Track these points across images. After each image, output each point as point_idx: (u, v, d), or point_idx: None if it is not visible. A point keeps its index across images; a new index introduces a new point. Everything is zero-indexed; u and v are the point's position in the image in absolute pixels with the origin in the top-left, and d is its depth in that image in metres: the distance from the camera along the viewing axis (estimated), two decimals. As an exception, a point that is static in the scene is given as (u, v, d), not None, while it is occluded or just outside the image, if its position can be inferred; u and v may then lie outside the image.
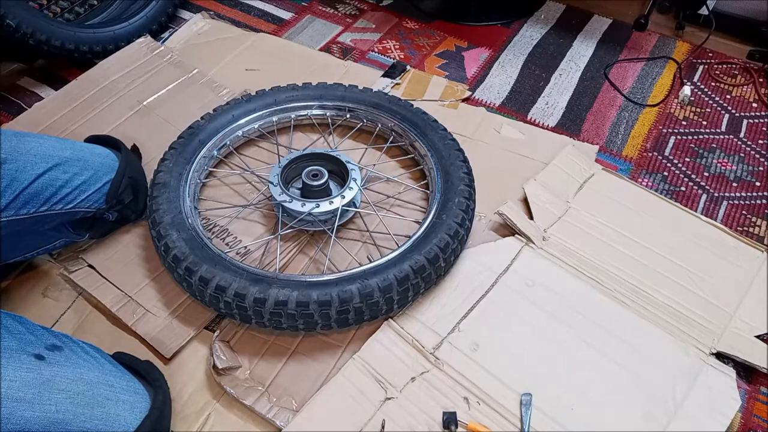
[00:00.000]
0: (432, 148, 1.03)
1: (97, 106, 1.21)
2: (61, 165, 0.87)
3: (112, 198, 0.93)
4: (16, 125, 1.18)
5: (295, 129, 1.16)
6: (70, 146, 0.92)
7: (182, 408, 0.82)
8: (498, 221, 1.02)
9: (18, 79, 1.34)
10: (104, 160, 0.95)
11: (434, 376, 0.84)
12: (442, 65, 1.38)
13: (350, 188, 0.97)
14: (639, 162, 1.17)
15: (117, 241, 1.00)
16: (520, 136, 1.18)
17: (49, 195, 0.86)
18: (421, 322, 0.89)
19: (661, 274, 0.95)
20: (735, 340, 0.88)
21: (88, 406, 0.68)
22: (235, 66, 1.32)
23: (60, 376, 0.67)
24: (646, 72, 1.36)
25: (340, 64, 1.34)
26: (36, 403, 0.64)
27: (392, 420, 0.79)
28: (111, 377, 0.72)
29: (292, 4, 1.55)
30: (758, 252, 0.98)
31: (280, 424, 0.80)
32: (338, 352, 0.88)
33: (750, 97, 1.30)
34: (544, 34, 1.45)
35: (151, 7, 1.43)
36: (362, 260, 0.96)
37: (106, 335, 0.90)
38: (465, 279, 0.94)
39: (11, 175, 0.82)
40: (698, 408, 0.81)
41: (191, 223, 0.92)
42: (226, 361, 0.84)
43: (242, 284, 0.82)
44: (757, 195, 1.11)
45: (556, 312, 0.90)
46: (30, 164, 0.84)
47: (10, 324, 0.70)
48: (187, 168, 1.00)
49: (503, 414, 0.80)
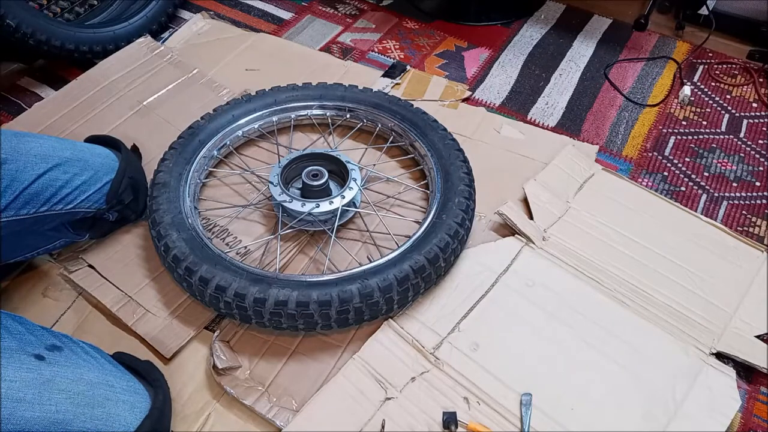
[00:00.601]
0: (432, 148, 1.03)
1: (97, 106, 1.21)
2: (61, 165, 0.87)
3: (113, 198, 0.93)
4: (16, 125, 1.18)
5: (295, 129, 1.16)
6: (70, 146, 0.91)
7: (182, 408, 0.82)
8: (498, 221, 1.02)
9: (18, 79, 1.34)
10: (104, 161, 0.95)
11: (434, 376, 0.84)
12: (442, 65, 1.38)
13: (350, 188, 0.97)
14: (639, 162, 1.17)
15: (117, 241, 1.00)
16: (520, 136, 1.18)
17: (50, 195, 0.86)
18: (421, 322, 0.89)
19: (661, 274, 0.95)
20: (735, 340, 0.88)
21: (89, 406, 0.68)
22: (235, 66, 1.32)
23: (60, 377, 0.67)
24: (646, 72, 1.36)
25: (340, 64, 1.34)
26: (36, 403, 0.64)
27: (392, 420, 0.79)
28: (111, 377, 0.72)
29: (292, 4, 1.55)
30: (758, 252, 0.98)
31: (280, 424, 0.80)
32: (338, 352, 0.88)
33: (750, 97, 1.30)
34: (544, 34, 1.45)
35: (151, 7, 1.43)
36: (362, 260, 0.96)
37: (106, 335, 0.90)
38: (465, 279, 0.94)
39: (11, 175, 0.82)
40: (698, 408, 0.81)
41: (191, 223, 0.92)
42: (226, 361, 0.84)
43: (242, 284, 0.82)
44: (757, 195, 1.11)
45: (556, 312, 0.90)
46: (30, 164, 0.84)
47: (10, 324, 0.70)
48: (187, 168, 1.00)
49: (503, 414, 0.80)
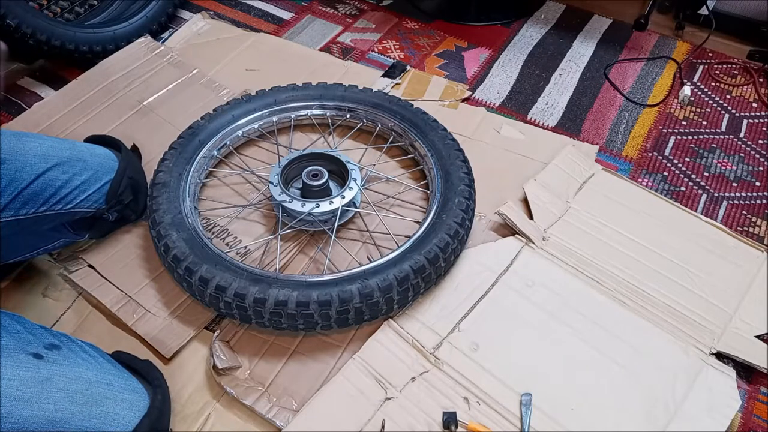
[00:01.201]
0: (432, 148, 1.03)
1: (97, 106, 1.21)
2: (61, 165, 0.87)
3: (112, 198, 0.93)
4: (16, 125, 1.18)
5: (295, 129, 1.16)
6: (70, 146, 0.91)
7: (182, 408, 0.82)
8: (498, 221, 1.02)
9: (18, 79, 1.34)
10: (104, 161, 0.95)
11: (434, 376, 0.84)
12: (442, 65, 1.38)
13: (350, 188, 0.97)
14: (639, 162, 1.17)
15: (117, 241, 1.00)
16: (520, 136, 1.18)
17: (49, 195, 0.86)
18: (421, 322, 0.89)
19: (661, 274, 0.95)
20: (735, 340, 0.88)
21: (87, 404, 0.68)
22: (235, 66, 1.32)
23: (59, 375, 0.67)
24: (646, 72, 1.36)
25: (340, 64, 1.34)
26: (35, 401, 0.64)
27: (392, 420, 0.79)
28: (110, 376, 0.72)
29: (292, 4, 1.55)
30: (758, 252, 0.98)
31: (280, 424, 0.80)
32: (338, 352, 0.88)
33: (750, 97, 1.30)
34: (544, 34, 1.45)
35: (151, 7, 1.43)
36: (362, 260, 0.96)
37: (106, 335, 0.90)
38: (465, 279, 0.94)
39: (10, 175, 0.82)
40: (698, 408, 0.81)
41: (191, 223, 0.92)
42: (226, 361, 0.84)
43: (242, 284, 0.82)
44: (757, 195, 1.11)
45: (556, 312, 0.90)
46: (29, 164, 0.84)
47: (9, 323, 0.70)
48: (187, 168, 1.00)
49: (503, 414, 0.80)
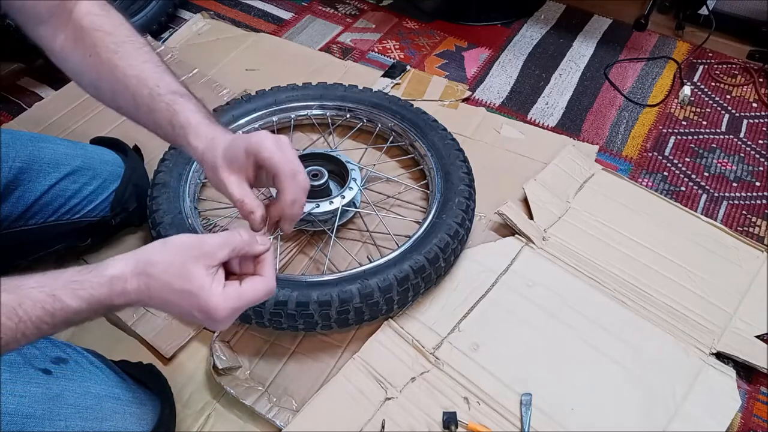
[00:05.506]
0: (432, 148, 1.03)
1: (97, 106, 1.21)
2: (72, 174, 0.87)
3: (117, 206, 0.94)
4: (16, 125, 1.18)
5: (295, 129, 1.16)
6: (81, 153, 0.91)
7: (182, 408, 0.82)
8: (498, 221, 1.02)
9: (18, 79, 1.34)
10: (112, 168, 0.94)
11: (434, 376, 0.84)
12: (442, 65, 1.38)
13: (350, 188, 0.97)
14: (639, 162, 1.17)
15: (117, 241, 1.00)
16: (520, 136, 1.18)
17: (58, 206, 0.86)
18: (421, 322, 0.89)
19: (661, 274, 0.95)
20: (735, 340, 0.88)
21: (97, 420, 0.66)
22: (235, 66, 1.32)
23: (68, 391, 0.66)
24: (646, 72, 1.36)
25: (340, 64, 1.34)
26: (46, 419, 0.62)
27: (392, 420, 0.79)
28: (117, 389, 0.71)
29: (292, 4, 1.55)
30: (758, 252, 0.98)
31: (280, 424, 0.80)
32: (338, 352, 0.88)
33: (750, 97, 1.30)
34: (544, 34, 1.45)
35: (151, 7, 1.42)
36: (362, 260, 0.96)
37: (105, 335, 0.90)
38: (465, 279, 0.94)
39: (24, 186, 0.82)
40: (698, 408, 0.81)
41: (191, 223, 0.92)
42: (226, 361, 0.84)
43: (242, 284, 0.82)
44: (757, 195, 1.11)
45: (556, 312, 0.90)
46: (43, 173, 0.84)
47: None
48: (187, 168, 1.00)
49: (503, 414, 0.80)
